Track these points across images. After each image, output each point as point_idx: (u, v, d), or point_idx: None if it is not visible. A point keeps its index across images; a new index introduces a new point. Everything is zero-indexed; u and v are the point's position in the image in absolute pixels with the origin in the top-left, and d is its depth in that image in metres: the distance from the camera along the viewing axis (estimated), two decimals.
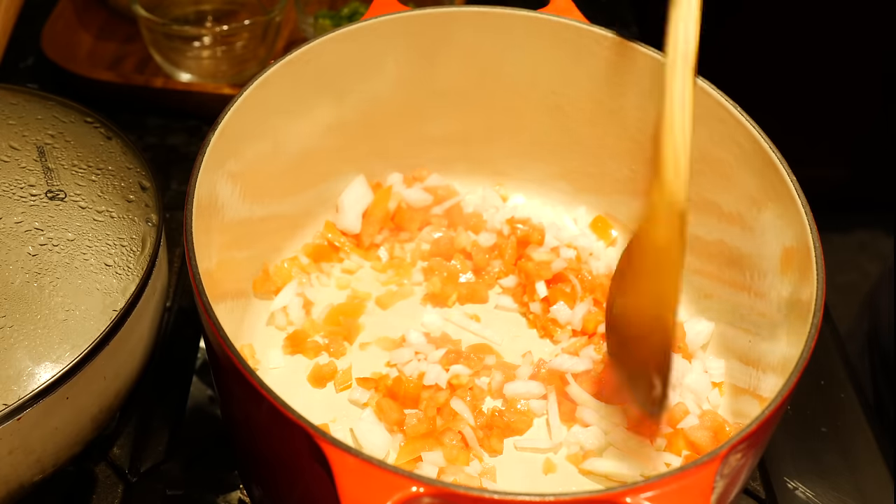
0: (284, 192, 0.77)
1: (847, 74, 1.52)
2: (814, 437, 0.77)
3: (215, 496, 0.70)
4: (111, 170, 0.69)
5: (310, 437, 0.48)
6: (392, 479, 0.47)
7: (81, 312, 0.61)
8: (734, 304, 0.73)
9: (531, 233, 0.81)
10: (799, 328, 0.59)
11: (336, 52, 0.73)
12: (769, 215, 0.67)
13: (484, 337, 0.77)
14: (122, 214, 0.67)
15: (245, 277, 0.76)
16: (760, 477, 0.74)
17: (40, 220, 0.64)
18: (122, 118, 0.76)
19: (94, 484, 0.68)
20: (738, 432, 0.51)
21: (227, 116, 0.66)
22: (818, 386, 0.80)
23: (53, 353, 0.59)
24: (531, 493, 0.47)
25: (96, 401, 0.62)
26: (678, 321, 0.74)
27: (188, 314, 0.81)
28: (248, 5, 1.09)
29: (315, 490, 0.53)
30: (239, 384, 0.52)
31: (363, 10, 0.97)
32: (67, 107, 0.73)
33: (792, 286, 0.64)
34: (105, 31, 1.11)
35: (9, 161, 0.67)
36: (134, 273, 0.64)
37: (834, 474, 0.74)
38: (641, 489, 0.47)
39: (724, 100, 0.70)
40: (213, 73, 1.03)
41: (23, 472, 0.60)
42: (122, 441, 0.71)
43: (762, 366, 0.67)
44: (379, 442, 0.68)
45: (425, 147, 0.84)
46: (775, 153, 0.66)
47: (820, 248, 0.61)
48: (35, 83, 1.04)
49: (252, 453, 0.62)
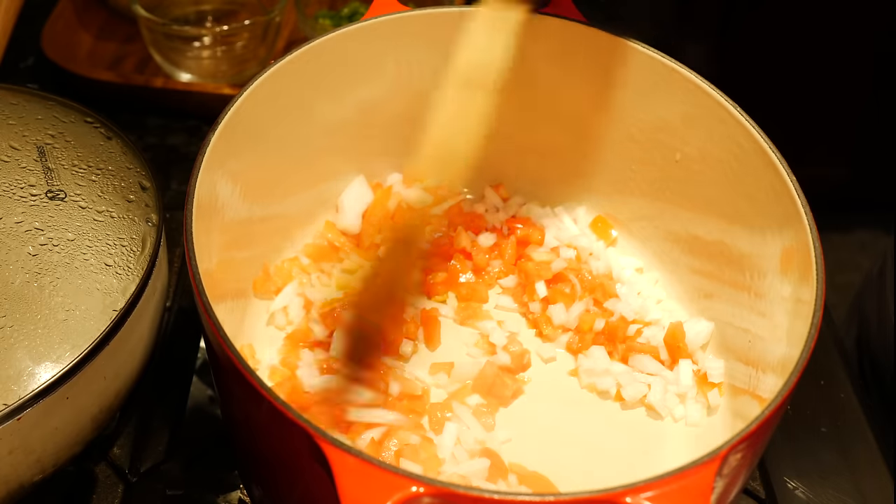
0: (284, 192, 0.77)
1: (847, 74, 1.52)
2: (814, 437, 0.77)
3: (215, 496, 0.70)
4: (111, 170, 0.69)
5: (310, 437, 0.48)
6: (392, 479, 0.47)
7: (81, 312, 0.61)
8: (734, 304, 0.73)
9: (531, 233, 0.81)
10: (799, 328, 0.59)
11: (336, 52, 0.73)
12: (769, 215, 0.67)
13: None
14: (123, 214, 0.67)
15: (245, 277, 0.76)
16: (760, 477, 0.74)
17: (40, 220, 0.64)
18: (122, 118, 0.76)
19: (94, 484, 0.68)
20: (738, 432, 0.51)
21: (227, 116, 0.66)
22: (818, 386, 0.80)
23: (53, 353, 0.59)
24: (531, 493, 0.48)
25: (96, 401, 0.62)
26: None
27: (188, 314, 0.81)
28: (248, 5, 1.09)
29: (315, 490, 0.53)
30: (239, 384, 0.52)
31: (363, 10, 0.97)
32: (67, 107, 0.73)
33: (792, 286, 0.64)
34: (105, 31, 1.11)
35: (9, 161, 0.67)
36: (134, 273, 0.64)
37: (834, 474, 0.74)
38: (641, 489, 0.47)
39: (724, 100, 0.70)
40: (213, 73, 1.03)
41: (23, 472, 0.60)
42: (122, 441, 0.71)
43: (762, 366, 0.67)
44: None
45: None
46: (775, 153, 0.66)
47: (820, 248, 0.61)
48: (35, 83, 1.04)
49: (252, 453, 0.63)
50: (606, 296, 0.78)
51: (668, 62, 0.72)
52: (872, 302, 1.02)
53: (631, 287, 0.80)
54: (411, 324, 0.76)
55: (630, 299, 0.78)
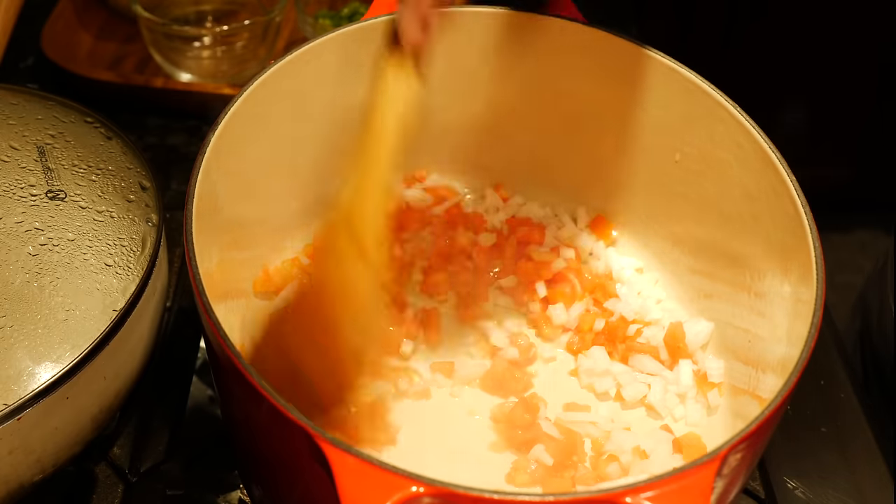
0: (284, 192, 0.77)
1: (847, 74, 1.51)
2: (814, 437, 0.77)
3: (215, 496, 0.70)
4: (111, 170, 0.69)
5: (310, 437, 0.48)
6: (392, 479, 0.47)
7: (81, 312, 0.61)
8: (734, 304, 0.73)
9: (531, 233, 0.81)
10: (799, 328, 0.59)
11: (336, 52, 0.73)
12: (769, 215, 0.67)
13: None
14: (123, 214, 0.67)
15: (245, 277, 0.76)
16: (760, 477, 0.74)
17: (40, 220, 0.64)
18: (122, 118, 0.76)
19: (94, 484, 0.68)
20: (738, 432, 0.51)
21: (227, 116, 0.66)
22: (818, 386, 0.80)
23: (53, 353, 0.59)
24: (531, 494, 0.47)
25: (96, 401, 0.62)
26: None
27: (188, 314, 0.81)
28: (248, 5, 1.09)
29: (315, 490, 0.53)
30: (239, 384, 0.52)
31: (363, 10, 0.97)
32: (67, 107, 0.73)
33: (792, 286, 0.64)
34: (105, 31, 1.11)
35: (9, 161, 0.67)
36: (134, 273, 0.64)
37: (833, 474, 0.74)
38: (641, 489, 0.47)
39: (724, 100, 0.70)
40: (213, 73, 1.03)
41: (23, 472, 0.60)
42: (122, 441, 0.71)
43: (762, 366, 0.67)
44: None
45: (426, 147, 0.84)
46: (775, 153, 0.66)
47: (820, 248, 0.61)
48: (35, 83, 1.04)
49: (252, 453, 0.62)
50: (606, 296, 0.78)
51: (668, 62, 0.72)
52: (874, 295, 1.02)
53: (631, 287, 0.80)
54: (412, 324, 0.76)
55: (630, 299, 0.78)
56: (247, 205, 0.72)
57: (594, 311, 0.78)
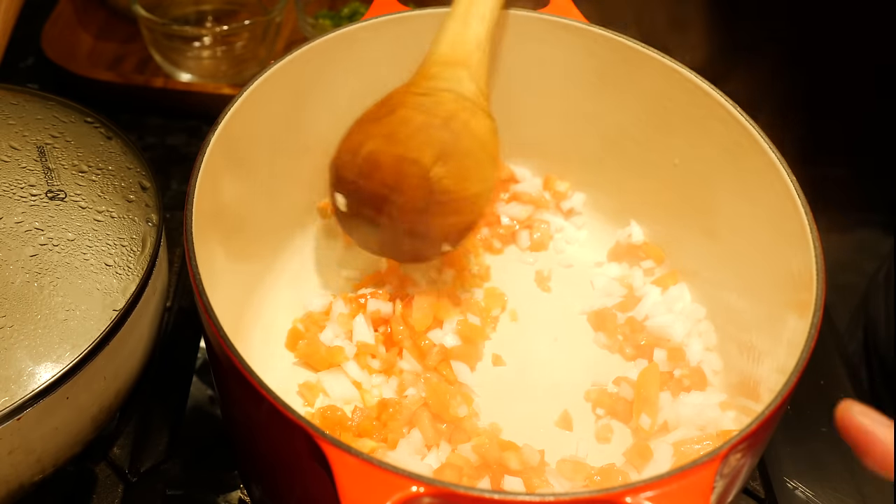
0: (285, 192, 0.77)
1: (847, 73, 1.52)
2: (814, 438, 0.76)
3: (215, 496, 0.70)
4: (111, 170, 0.69)
5: (310, 437, 0.48)
6: (392, 479, 0.47)
7: (81, 312, 0.61)
8: (734, 304, 0.73)
9: None
10: (799, 328, 0.59)
11: (336, 52, 0.73)
12: (769, 215, 0.67)
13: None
14: (123, 214, 0.67)
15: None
16: (760, 477, 0.74)
17: (40, 220, 0.64)
18: (122, 118, 0.76)
19: (94, 484, 0.68)
20: (738, 432, 0.51)
21: (227, 116, 0.66)
22: (818, 386, 0.80)
23: (53, 353, 0.59)
24: (531, 494, 0.47)
25: (96, 401, 0.62)
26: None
27: (188, 314, 0.81)
28: (248, 5, 1.09)
29: (315, 490, 0.53)
30: (239, 384, 0.52)
31: (363, 10, 0.97)
32: (67, 107, 0.73)
33: (792, 286, 0.64)
34: (105, 31, 1.11)
35: (9, 161, 0.67)
36: (134, 273, 0.64)
37: (834, 474, 0.74)
38: (641, 489, 0.47)
39: (724, 100, 0.70)
40: (213, 73, 1.03)
41: (23, 472, 0.60)
42: (122, 441, 0.71)
43: (762, 366, 0.67)
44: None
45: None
46: (775, 153, 0.66)
47: (820, 247, 0.61)
48: (35, 83, 1.04)
49: (252, 453, 0.63)
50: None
51: (668, 62, 0.72)
52: (878, 305, 1.02)
53: (648, 297, 0.80)
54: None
55: (650, 310, 0.79)
56: (247, 204, 0.72)
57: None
